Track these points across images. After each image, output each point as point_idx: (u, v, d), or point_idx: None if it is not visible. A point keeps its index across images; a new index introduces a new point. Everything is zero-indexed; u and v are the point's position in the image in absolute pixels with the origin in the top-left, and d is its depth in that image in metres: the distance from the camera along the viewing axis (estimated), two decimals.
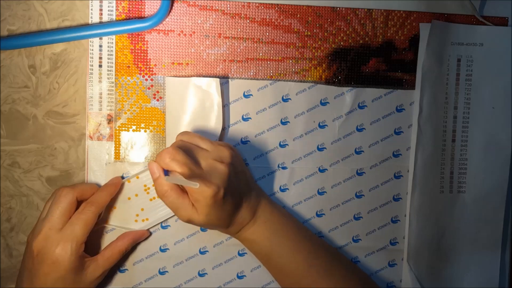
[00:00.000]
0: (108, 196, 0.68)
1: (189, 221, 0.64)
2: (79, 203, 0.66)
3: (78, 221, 0.64)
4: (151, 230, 0.72)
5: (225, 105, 0.72)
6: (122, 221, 0.70)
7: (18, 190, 0.72)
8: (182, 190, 0.63)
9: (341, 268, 0.71)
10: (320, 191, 0.74)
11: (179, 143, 0.65)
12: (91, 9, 0.70)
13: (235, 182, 0.65)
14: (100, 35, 0.70)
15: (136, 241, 0.71)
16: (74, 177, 0.72)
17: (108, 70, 0.71)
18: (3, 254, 0.73)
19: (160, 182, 0.63)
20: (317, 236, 0.74)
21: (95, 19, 0.70)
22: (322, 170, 0.74)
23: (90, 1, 0.70)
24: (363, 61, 0.74)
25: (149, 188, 0.71)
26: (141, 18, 0.70)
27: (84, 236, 0.64)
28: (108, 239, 0.71)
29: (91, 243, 0.70)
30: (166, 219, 0.72)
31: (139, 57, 0.71)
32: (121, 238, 0.69)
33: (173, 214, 0.70)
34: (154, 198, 0.71)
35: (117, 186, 0.70)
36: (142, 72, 0.71)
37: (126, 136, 0.72)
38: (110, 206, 0.70)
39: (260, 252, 0.70)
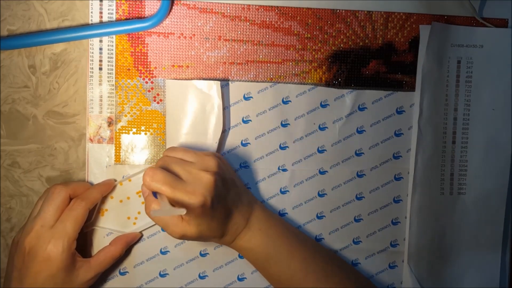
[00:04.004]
0: (99, 193, 0.68)
1: (182, 236, 0.63)
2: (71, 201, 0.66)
3: (69, 218, 0.64)
4: (151, 232, 0.72)
5: (226, 108, 0.72)
6: (114, 224, 0.70)
7: (18, 190, 0.72)
8: (171, 205, 0.63)
9: (338, 272, 0.71)
10: (320, 193, 0.74)
11: (163, 159, 0.64)
12: (91, 10, 0.70)
13: (223, 190, 0.64)
14: (100, 35, 0.70)
15: (129, 244, 0.70)
16: (74, 177, 0.72)
17: (108, 73, 0.71)
18: (3, 254, 0.73)
19: (149, 199, 0.63)
20: (314, 240, 0.74)
21: (95, 19, 0.70)
22: (322, 172, 0.74)
23: (90, 1, 0.70)
24: (363, 63, 0.74)
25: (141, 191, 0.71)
26: (141, 18, 0.70)
27: (75, 232, 0.64)
28: (102, 242, 0.70)
29: (84, 245, 0.70)
30: None
31: (139, 59, 0.71)
32: (114, 243, 0.69)
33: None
34: None
35: (109, 186, 0.70)
36: (142, 74, 0.71)
37: (126, 139, 0.72)
38: (102, 208, 0.70)
39: (257, 260, 0.69)
